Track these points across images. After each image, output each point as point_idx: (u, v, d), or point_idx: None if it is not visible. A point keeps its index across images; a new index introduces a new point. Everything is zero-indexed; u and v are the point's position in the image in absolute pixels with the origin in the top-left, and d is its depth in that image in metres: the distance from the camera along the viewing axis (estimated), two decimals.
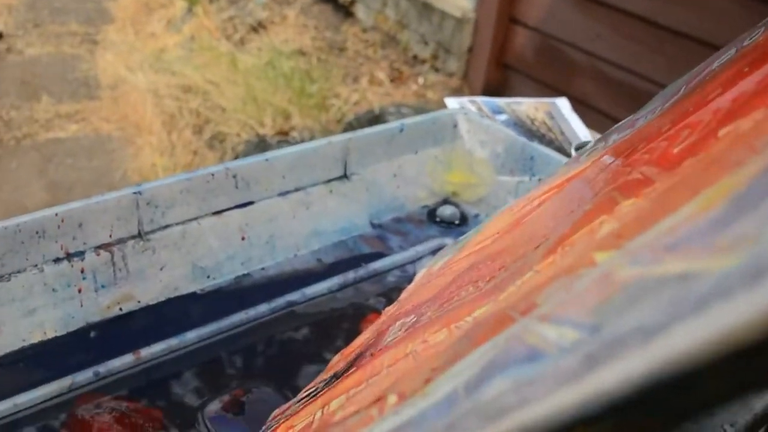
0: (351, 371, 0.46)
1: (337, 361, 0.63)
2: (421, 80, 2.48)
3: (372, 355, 0.45)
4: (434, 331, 0.40)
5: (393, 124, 0.86)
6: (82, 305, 0.68)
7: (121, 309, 0.71)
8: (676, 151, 0.36)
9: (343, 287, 0.78)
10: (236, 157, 2.16)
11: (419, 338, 0.40)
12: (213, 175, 0.73)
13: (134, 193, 0.68)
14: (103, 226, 0.68)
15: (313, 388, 0.56)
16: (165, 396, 0.63)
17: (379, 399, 0.33)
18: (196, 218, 0.73)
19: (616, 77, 2.20)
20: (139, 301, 0.72)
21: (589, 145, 0.67)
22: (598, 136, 1.20)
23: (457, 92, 2.46)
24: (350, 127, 2.15)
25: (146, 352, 0.66)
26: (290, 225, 0.80)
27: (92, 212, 0.67)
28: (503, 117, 1.17)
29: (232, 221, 0.75)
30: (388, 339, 0.48)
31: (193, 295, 0.74)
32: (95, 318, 0.69)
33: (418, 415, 0.27)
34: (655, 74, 2.12)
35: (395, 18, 2.63)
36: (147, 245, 0.71)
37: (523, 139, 0.87)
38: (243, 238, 0.77)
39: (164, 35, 2.66)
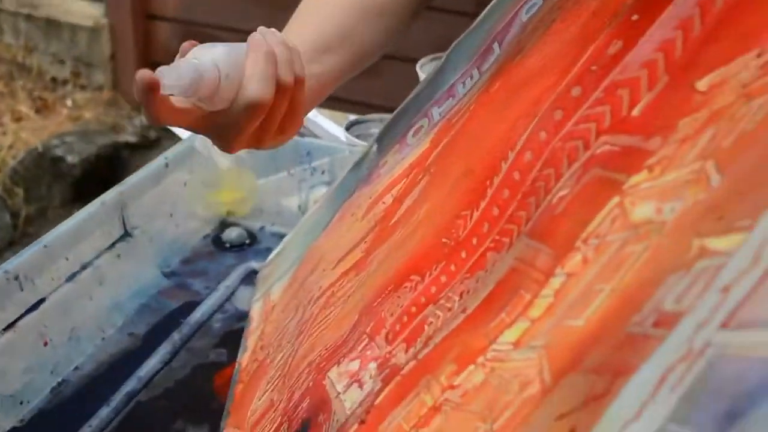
0: None
1: None
2: (69, 102, 2.27)
3: (362, 422, 0.40)
4: (451, 372, 0.36)
5: (157, 161, 0.77)
6: None
7: None
8: (636, 113, 0.36)
9: (174, 354, 0.69)
10: None
11: (434, 385, 0.36)
12: None
13: None
14: None
15: None
16: None
17: None
18: None
19: None
20: None
21: (390, 125, 0.66)
22: (322, 110, 1.19)
23: (112, 105, 2.30)
24: (15, 173, 1.92)
25: None
26: (88, 309, 0.69)
27: None
28: None
29: (29, 330, 0.63)
30: (349, 394, 0.43)
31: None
32: None
33: None
34: None
35: (18, 43, 2.37)
36: None
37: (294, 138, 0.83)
38: (45, 344, 0.65)
39: None
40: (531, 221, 0.38)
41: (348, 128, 0.87)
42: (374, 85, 1.72)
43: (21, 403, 0.63)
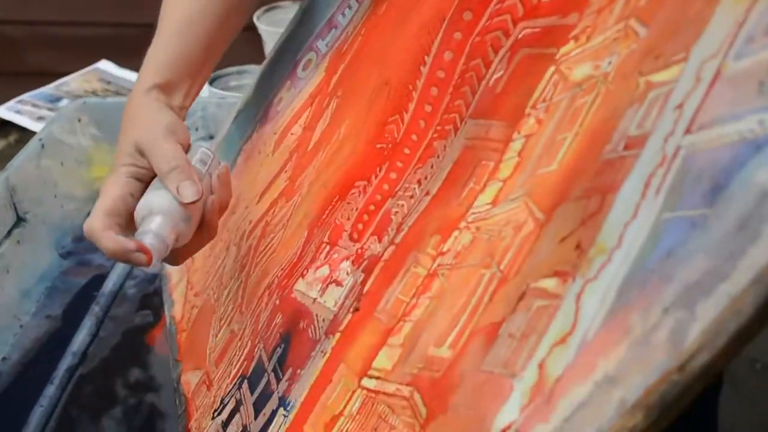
0: (337, 340, 0.45)
1: (205, 377, 0.59)
2: None
3: (356, 310, 0.44)
4: (437, 242, 0.41)
5: (33, 144, 0.76)
6: None
7: None
8: (546, 0, 0.42)
9: (100, 325, 0.70)
10: None
11: (422, 258, 0.41)
12: None
13: None
14: None
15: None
16: None
17: (523, 295, 0.34)
18: None
19: (63, 34, 2.12)
20: None
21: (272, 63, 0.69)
22: None
23: None
24: None
25: None
26: (2, 299, 0.68)
27: None
28: (64, 102, 1.08)
29: None
30: (328, 295, 0.48)
31: None
32: None
33: (633, 263, 0.30)
34: (93, 16, 2.10)
35: None
36: None
37: None
38: None
39: None
40: (471, 106, 0.44)
41: (211, 83, 0.90)
42: None
43: None
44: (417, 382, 0.38)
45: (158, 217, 0.50)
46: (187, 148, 0.55)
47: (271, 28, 1.00)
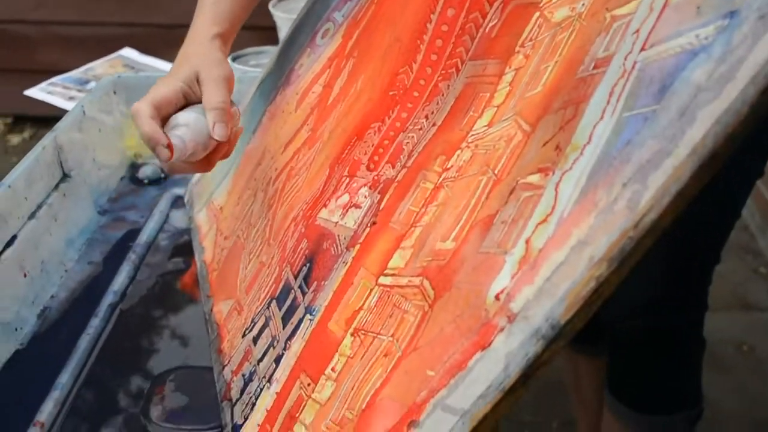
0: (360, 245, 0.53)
1: (236, 305, 0.66)
2: None
3: (374, 224, 0.52)
4: (442, 161, 0.49)
5: (76, 109, 0.84)
6: None
7: None
8: None
9: (137, 270, 0.78)
10: None
11: (430, 175, 0.49)
12: None
13: None
14: None
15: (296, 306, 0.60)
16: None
17: (513, 190, 0.42)
18: None
19: (73, 33, 2.21)
20: None
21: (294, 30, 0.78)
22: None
23: None
24: None
25: (43, 417, 0.61)
26: (50, 244, 0.76)
27: None
28: (92, 84, 1.17)
29: (9, 263, 0.70)
30: (349, 217, 0.55)
31: (17, 355, 0.68)
32: None
33: (601, 153, 0.38)
34: (102, 17, 2.19)
35: None
36: None
37: None
38: (25, 275, 0.71)
39: None
40: (471, 51, 0.52)
41: (233, 61, 0.98)
42: None
43: (15, 329, 0.69)
44: (426, 272, 0.46)
45: (188, 129, 0.58)
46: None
47: (286, 15, 1.09)
